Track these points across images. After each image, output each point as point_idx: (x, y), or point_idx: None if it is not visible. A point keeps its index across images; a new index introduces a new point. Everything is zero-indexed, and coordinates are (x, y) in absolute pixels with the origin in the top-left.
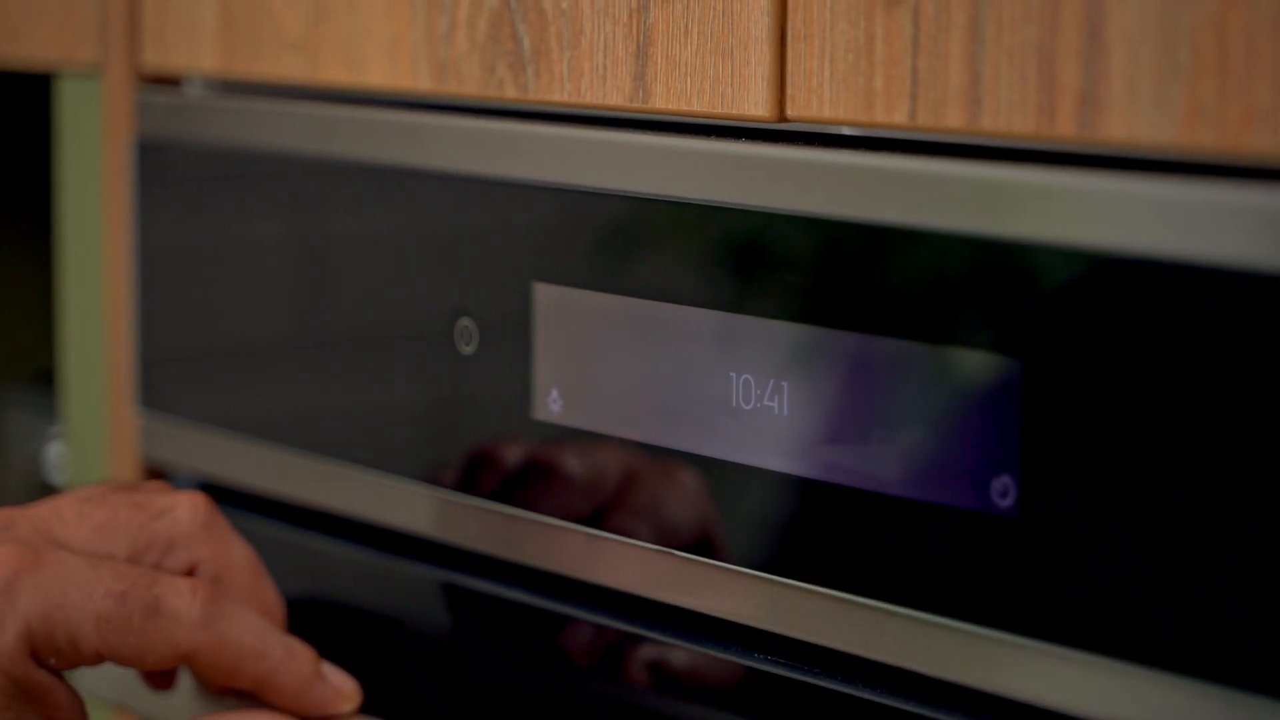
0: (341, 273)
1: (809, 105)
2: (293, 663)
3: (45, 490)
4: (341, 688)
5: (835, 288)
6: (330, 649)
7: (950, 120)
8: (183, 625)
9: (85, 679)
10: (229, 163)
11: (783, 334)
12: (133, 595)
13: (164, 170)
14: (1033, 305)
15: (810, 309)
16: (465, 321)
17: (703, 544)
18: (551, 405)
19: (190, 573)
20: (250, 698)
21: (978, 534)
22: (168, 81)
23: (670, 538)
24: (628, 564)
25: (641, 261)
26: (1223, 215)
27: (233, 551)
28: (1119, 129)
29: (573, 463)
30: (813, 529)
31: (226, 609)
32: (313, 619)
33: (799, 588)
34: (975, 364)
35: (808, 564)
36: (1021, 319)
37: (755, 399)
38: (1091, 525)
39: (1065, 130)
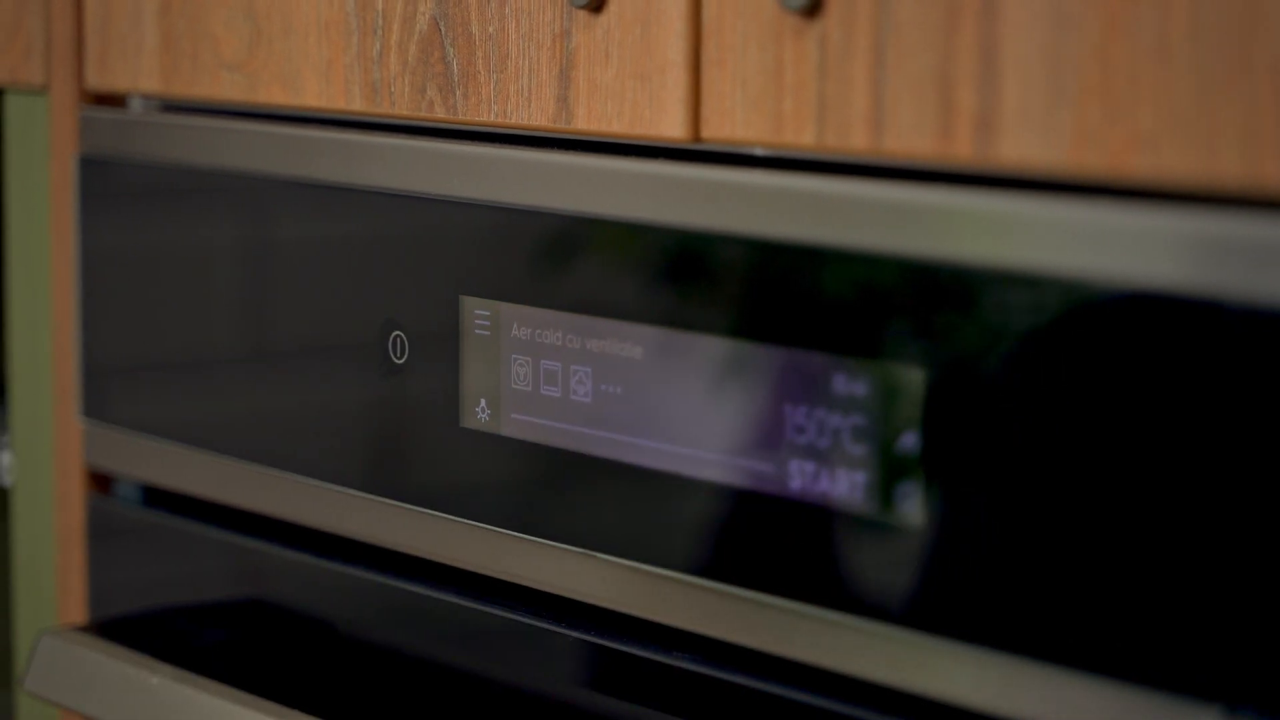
0: (280, 285)
1: (722, 127)
2: None
3: None
4: None
5: (754, 302)
6: (270, 651)
7: (855, 142)
8: None
9: (29, 682)
10: (170, 177)
11: (667, 342)
12: None
13: (107, 185)
14: (919, 317)
15: (732, 323)
16: (398, 334)
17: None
18: (480, 415)
19: None
20: None
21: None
22: (113, 100)
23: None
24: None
25: (566, 276)
26: (1109, 234)
27: None
28: (1012, 151)
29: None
30: (690, 525)
31: None
32: (253, 622)
33: (668, 578)
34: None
35: (675, 555)
36: (920, 330)
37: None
38: (950, 522)
39: (962, 152)
